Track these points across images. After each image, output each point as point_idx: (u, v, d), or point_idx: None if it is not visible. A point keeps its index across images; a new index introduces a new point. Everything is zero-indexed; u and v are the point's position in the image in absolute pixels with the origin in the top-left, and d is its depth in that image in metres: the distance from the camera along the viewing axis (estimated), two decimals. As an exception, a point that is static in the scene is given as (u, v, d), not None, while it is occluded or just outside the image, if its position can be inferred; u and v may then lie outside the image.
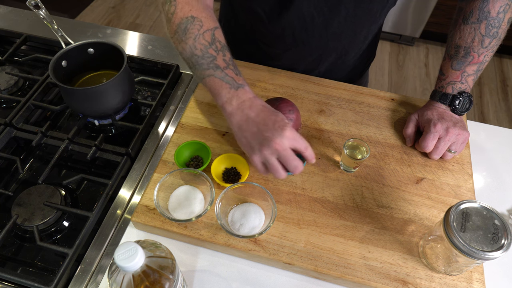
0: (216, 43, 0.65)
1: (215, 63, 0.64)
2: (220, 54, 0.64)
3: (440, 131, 0.74)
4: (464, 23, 0.74)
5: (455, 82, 0.77)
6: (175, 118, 0.85)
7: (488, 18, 0.72)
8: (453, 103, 0.77)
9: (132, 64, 0.95)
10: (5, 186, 0.74)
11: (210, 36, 0.65)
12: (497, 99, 2.30)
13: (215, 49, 0.64)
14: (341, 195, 0.71)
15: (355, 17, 0.81)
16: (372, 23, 0.85)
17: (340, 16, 0.80)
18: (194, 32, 0.64)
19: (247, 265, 0.65)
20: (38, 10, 0.80)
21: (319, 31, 0.83)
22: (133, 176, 0.75)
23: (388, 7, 0.82)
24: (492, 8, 0.71)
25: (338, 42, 0.87)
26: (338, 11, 0.79)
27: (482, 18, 0.72)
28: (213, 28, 0.66)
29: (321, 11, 0.79)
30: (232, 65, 0.65)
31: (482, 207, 0.57)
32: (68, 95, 0.77)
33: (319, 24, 0.82)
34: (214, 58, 0.64)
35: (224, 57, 0.64)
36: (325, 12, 0.79)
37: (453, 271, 0.61)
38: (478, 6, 0.72)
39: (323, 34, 0.84)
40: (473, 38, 0.73)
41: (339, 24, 0.82)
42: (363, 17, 0.81)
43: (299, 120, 0.74)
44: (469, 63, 0.75)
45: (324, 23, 0.81)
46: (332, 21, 0.81)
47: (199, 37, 0.64)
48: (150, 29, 2.61)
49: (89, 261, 0.64)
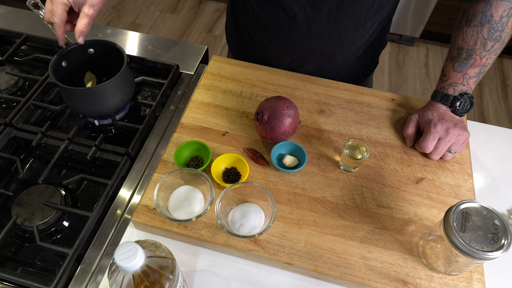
0: None
1: None
2: None
3: (440, 131, 0.74)
4: (467, 26, 0.73)
5: (456, 84, 0.76)
6: (175, 118, 0.85)
7: (491, 22, 0.71)
8: (454, 104, 0.77)
9: (132, 64, 0.95)
10: (5, 186, 0.74)
11: None
12: (497, 99, 2.30)
13: None
14: (341, 195, 0.71)
15: (338, 19, 0.81)
16: (358, 28, 0.85)
17: (322, 16, 0.80)
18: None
19: (247, 265, 0.65)
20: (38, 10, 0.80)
21: (302, 28, 0.84)
22: (133, 176, 0.75)
23: (374, 13, 0.82)
24: (495, 12, 0.70)
25: (321, 42, 0.87)
26: (320, 10, 0.79)
27: (484, 22, 0.71)
28: None
29: (302, 8, 0.80)
30: None
31: (482, 207, 0.57)
32: (68, 95, 0.77)
33: (301, 21, 0.83)
34: None
35: None
36: (307, 10, 0.80)
37: (453, 271, 0.61)
38: (481, 9, 0.71)
39: (306, 32, 0.85)
40: (475, 41, 0.73)
41: (321, 24, 0.82)
42: (345, 19, 0.81)
43: (297, 117, 0.74)
44: (471, 66, 0.75)
45: (306, 21, 0.82)
46: (314, 19, 0.82)
47: None
48: (150, 29, 2.61)
49: (89, 261, 0.64)
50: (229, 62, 0.93)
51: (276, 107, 0.72)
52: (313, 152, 0.77)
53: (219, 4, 2.80)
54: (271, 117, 0.72)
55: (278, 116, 0.71)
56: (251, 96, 0.86)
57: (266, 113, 0.72)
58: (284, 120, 0.71)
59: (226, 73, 0.90)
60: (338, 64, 0.95)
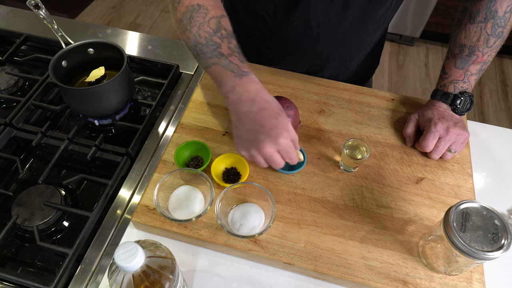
0: (221, 31, 0.61)
1: (219, 51, 0.60)
2: (225, 41, 0.61)
3: (440, 130, 0.74)
4: (470, 23, 0.74)
5: (457, 81, 0.76)
6: (175, 118, 0.85)
7: (495, 17, 0.71)
8: (455, 103, 0.76)
9: (132, 64, 0.95)
10: (5, 186, 0.74)
11: (215, 23, 0.62)
12: (497, 99, 2.30)
13: (220, 37, 0.61)
14: (341, 195, 0.71)
15: (362, 23, 0.80)
16: (377, 29, 0.84)
17: (347, 22, 0.79)
18: (199, 20, 0.62)
19: (247, 265, 0.65)
20: (38, 10, 0.80)
21: (324, 36, 0.82)
22: (133, 176, 0.75)
23: (391, 12, 0.82)
24: (500, 7, 0.71)
25: (343, 48, 0.86)
26: (345, 16, 0.78)
27: (489, 17, 0.71)
28: (219, 16, 0.63)
29: (327, 16, 0.78)
30: (237, 53, 0.61)
31: (482, 207, 0.57)
32: (68, 95, 0.77)
33: (325, 29, 0.80)
34: (218, 45, 0.61)
35: (229, 44, 0.61)
36: (332, 17, 0.78)
37: (453, 271, 0.61)
38: (486, 5, 0.71)
39: (329, 39, 0.83)
40: (478, 37, 0.73)
41: (345, 30, 0.81)
42: (368, 22, 0.80)
43: (297, 117, 0.74)
44: (473, 62, 0.75)
45: (330, 28, 0.80)
46: (338, 26, 0.80)
47: (203, 25, 0.61)
48: (150, 29, 2.61)
49: (89, 261, 0.64)
50: (229, 62, 0.93)
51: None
52: (313, 152, 0.77)
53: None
54: (271, 117, 0.71)
55: (278, 116, 0.71)
56: (251, 96, 0.86)
57: (266, 113, 0.72)
58: (284, 120, 0.71)
59: (226, 73, 0.90)
60: (352, 67, 0.95)
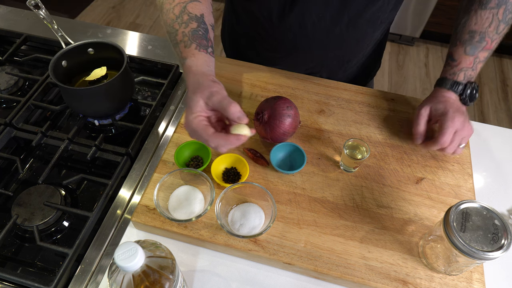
0: (183, 16, 0.59)
1: (176, 38, 0.58)
2: (182, 26, 0.58)
3: (457, 125, 0.70)
4: (481, 9, 0.72)
5: (467, 69, 0.74)
6: (175, 118, 0.85)
7: (507, 3, 0.71)
8: (465, 92, 0.74)
9: (132, 64, 0.95)
10: (5, 186, 0.74)
11: (179, 9, 0.59)
12: (497, 99, 2.30)
13: (180, 23, 0.59)
14: (341, 195, 0.71)
15: (357, 24, 0.79)
16: (375, 30, 0.84)
17: (343, 24, 0.79)
18: (167, 6, 0.60)
19: (247, 265, 0.65)
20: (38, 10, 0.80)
21: (320, 37, 0.82)
22: (133, 176, 0.75)
23: (389, 14, 0.81)
24: None
25: (339, 49, 0.86)
26: (340, 18, 0.78)
27: (501, 3, 0.71)
28: (187, 1, 0.60)
29: (323, 17, 0.78)
30: (189, 35, 0.58)
31: (482, 207, 0.57)
32: (68, 95, 0.77)
33: (320, 30, 0.80)
34: (176, 33, 0.58)
35: (184, 29, 0.58)
36: (327, 19, 0.78)
37: (453, 271, 0.61)
38: None
39: (324, 40, 0.83)
40: (490, 23, 0.72)
41: (341, 31, 0.80)
42: (364, 23, 0.80)
43: (297, 117, 0.74)
44: (482, 49, 0.73)
45: (326, 29, 0.80)
46: (334, 27, 0.79)
47: (169, 11, 0.60)
48: (150, 29, 2.61)
49: (89, 261, 0.64)
50: (229, 62, 0.93)
51: (276, 107, 0.72)
52: (313, 152, 0.77)
53: (219, 4, 2.80)
54: (271, 117, 0.71)
55: (278, 116, 0.71)
56: (251, 96, 0.86)
57: (266, 113, 0.72)
58: (284, 120, 0.71)
59: (226, 73, 0.90)
60: (351, 69, 0.95)
